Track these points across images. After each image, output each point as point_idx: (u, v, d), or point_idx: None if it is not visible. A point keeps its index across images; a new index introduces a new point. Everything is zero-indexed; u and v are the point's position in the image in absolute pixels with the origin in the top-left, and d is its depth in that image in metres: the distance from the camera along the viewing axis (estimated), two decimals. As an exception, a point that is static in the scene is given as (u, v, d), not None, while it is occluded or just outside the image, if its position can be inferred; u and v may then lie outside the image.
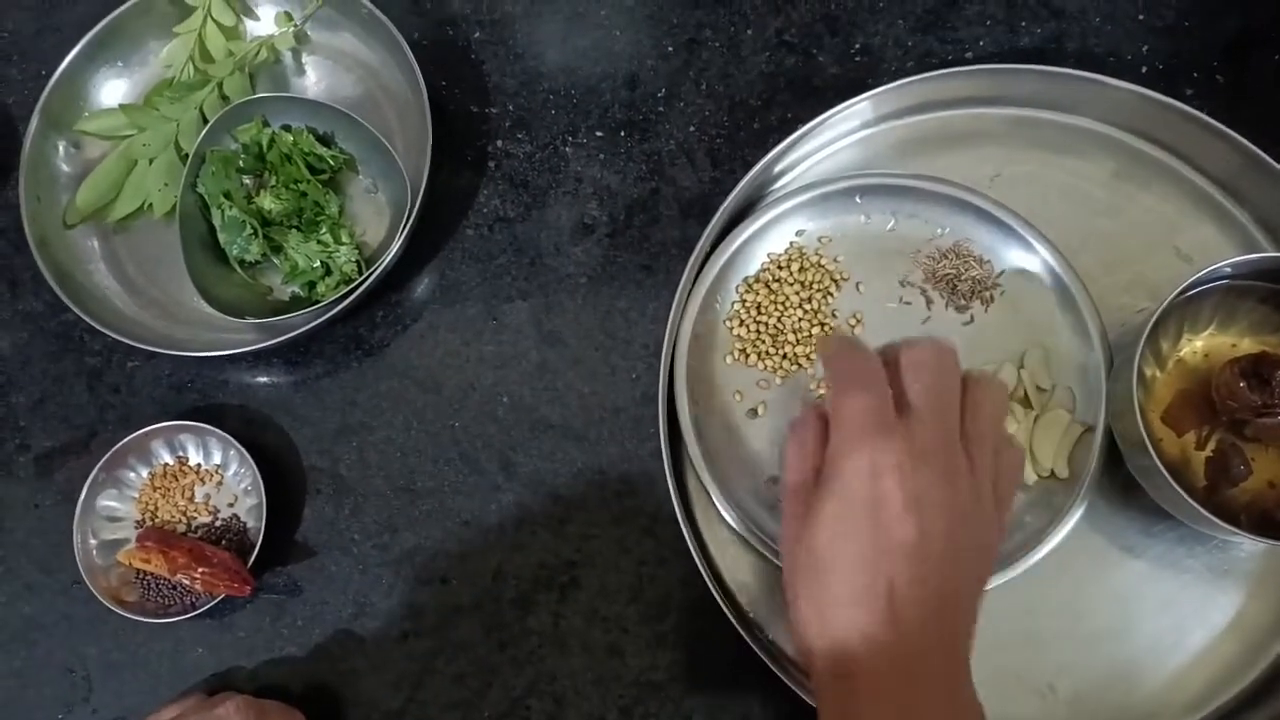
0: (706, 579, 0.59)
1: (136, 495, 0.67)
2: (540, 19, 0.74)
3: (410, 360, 0.69)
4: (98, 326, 0.65)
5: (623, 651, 0.63)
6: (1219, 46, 0.70)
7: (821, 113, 0.65)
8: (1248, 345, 0.61)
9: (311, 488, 0.67)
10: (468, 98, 0.73)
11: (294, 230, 0.67)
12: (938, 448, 0.44)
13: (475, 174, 0.71)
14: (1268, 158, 0.62)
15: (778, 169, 0.68)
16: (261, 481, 0.64)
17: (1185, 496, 0.54)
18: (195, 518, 0.66)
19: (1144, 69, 0.70)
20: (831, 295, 0.66)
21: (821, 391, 0.65)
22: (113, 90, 0.72)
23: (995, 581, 0.59)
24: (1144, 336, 0.56)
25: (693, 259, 0.64)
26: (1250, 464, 0.58)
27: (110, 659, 0.65)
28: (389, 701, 0.64)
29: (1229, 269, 0.57)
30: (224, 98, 0.71)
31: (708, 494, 0.62)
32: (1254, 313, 0.61)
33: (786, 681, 0.58)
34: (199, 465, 0.67)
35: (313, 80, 0.74)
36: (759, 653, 0.58)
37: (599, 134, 0.72)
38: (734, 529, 0.62)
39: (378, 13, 0.69)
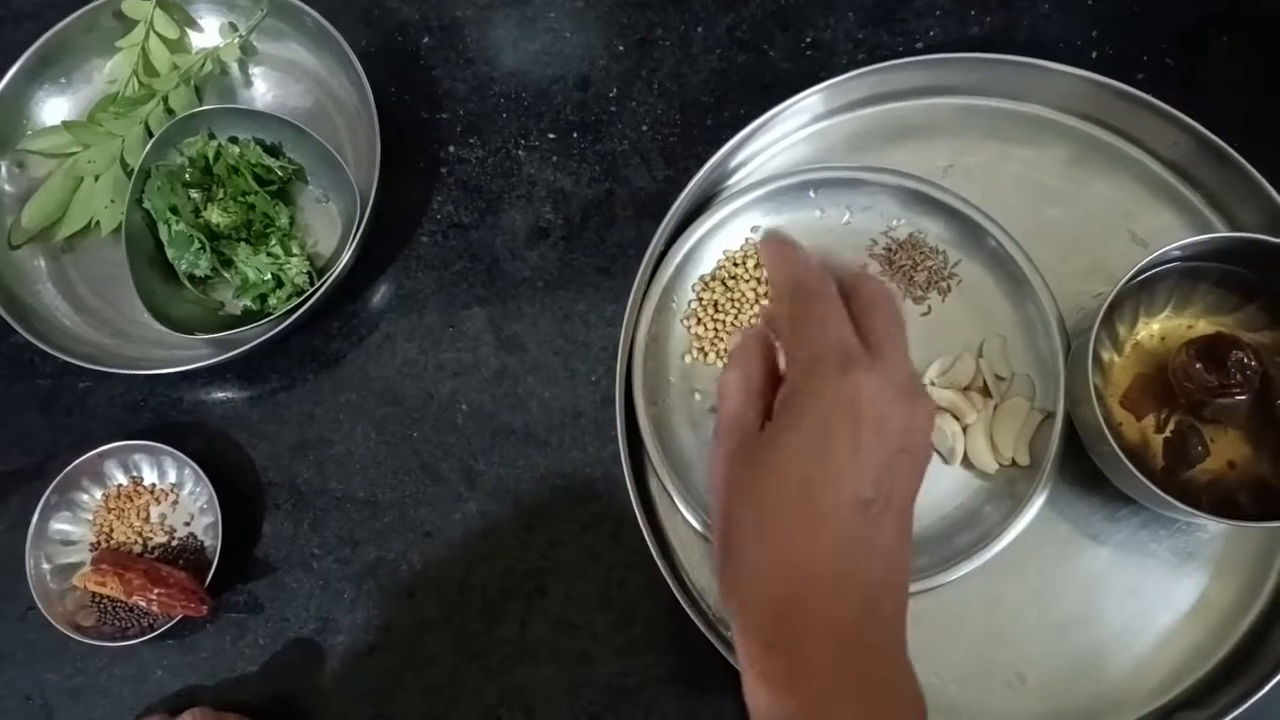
0: (670, 583, 0.59)
1: (91, 517, 0.66)
2: (490, 24, 0.74)
3: (367, 371, 0.68)
4: (46, 348, 0.64)
5: (592, 658, 0.62)
6: (1169, 31, 0.70)
7: (773, 108, 0.65)
8: (1203, 327, 0.61)
9: (270, 503, 0.66)
10: (418, 104, 0.72)
11: (243, 243, 0.67)
12: (913, 390, 0.38)
13: (428, 181, 0.71)
14: (1219, 141, 0.62)
15: (731, 165, 0.67)
16: (217, 499, 0.63)
17: (1143, 479, 0.54)
18: (151, 538, 0.65)
19: (1095, 55, 0.70)
20: (789, 291, 0.65)
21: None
22: (56, 108, 0.71)
23: (959, 573, 0.59)
24: (1098, 321, 0.56)
25: (646, 258, 0.63)
26: (1209, 445, 0.58)
27: (70, 685, 0.64)
28: (357, 718, 0.63)
29: (1178, 252, 0.57)
30: (169, 111, 0.70)
31: (670, 495, 0.61)
32: (1209, 295, 0.61)
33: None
34: (154, 485, 0.66)
35: (261, 91, 0.73)
36: (727, 655, 0.58)
37: (551, 136, 0.71)
38: (697, 530, 0.61)
39: (323, 21, 0.68)
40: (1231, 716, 0.55)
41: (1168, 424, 0.60)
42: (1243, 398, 0.57)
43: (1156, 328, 0.61)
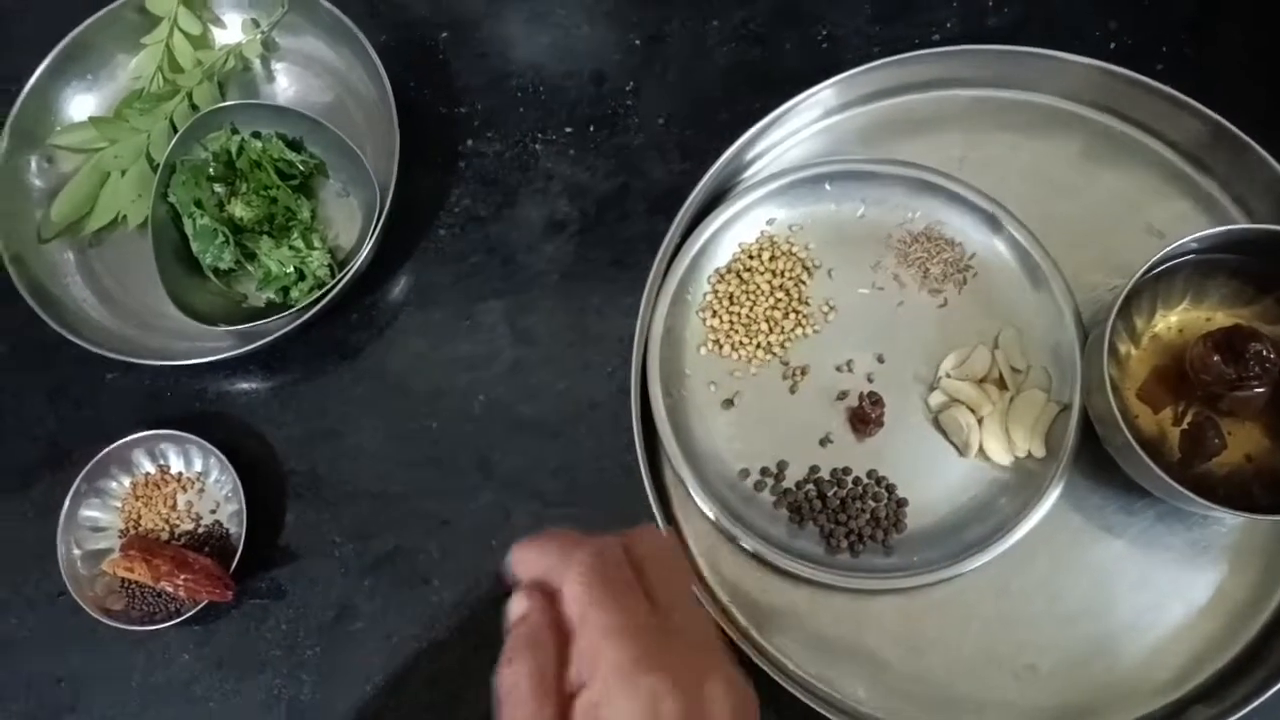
0: (684, 571, 0.59)
1: (119, 505, 0.67)
2: (505, 19, 0.75)
3: (386, 363, 0.69)
4: (75, 339, 0.66)
5: (605, 646, 0.63)
6: (1186, 21, 0.69)
7: (787, 102, 0.65)
8: (1221, 319, 0.60)
9: (292, 492, 0.67)
10: (436, 98, 0.73)
11: (266, 236, 0.68)
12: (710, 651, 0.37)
13: (446, 174, 0.72)
14: (1236, 130, 0.62)
15: (746, 159, 0.68)
16: (241, 488, 0.64)
17: (1159, 471, 0.54)
18: (178, 525, 0.67)
19: (1112, 45, 0.69)
20: (804, 283, 0.66)
21: (793, 380, 0.64)
22: (82, 104, 0.73)
23: (973, 565, 0.59)
24: (1113, 314, 0.56)
25: (662, 251, 0.64)
26: (1225, 438, 0.57)
27: (96, 668, 0.66)
28: (370, 704, 0.64)
29: (1195, 244, 0.57)
30: (193, 107, 0.71)
31: (685, 486, 0.62)
32: (1226, 286, 0.60)
33: (769, 671, 0.58)
34: (180, 473, 0.68)
35: (283, 86, 0.75)
36: (740, 644, 0.58)
37: (568, 130, 0.72)
38: (711, 521, 0.61)
39: (342, 17, 0.69)
40: (1246, 711, 0.55)
41: (1185, 417, 0.59)
42: (1261, 390, 0.57)
43: (1174, 320, 0.61)
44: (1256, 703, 0.55)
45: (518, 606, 0.37)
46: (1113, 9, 0.70)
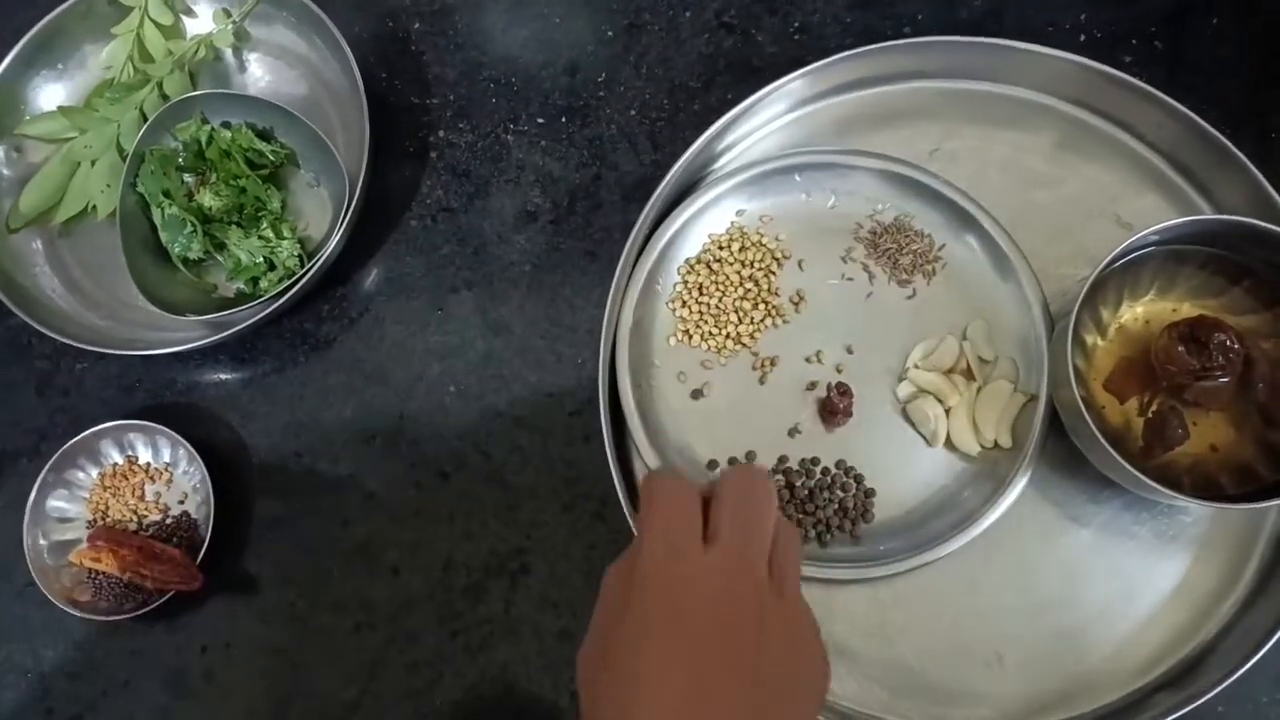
0: (651, 560, 0.59)
1: (87, 495, 0.67)
2: (480, 8, 0.74)
3: (357, 353, 0.69)
4: (43, 330, 0.65)
5: (574, 636, 0.63)
6: (1157, 13, 0.70)
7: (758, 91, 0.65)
8: (1188, 310, 0.61)
9: (260, 483, 0.67)
10: (409, 89, 0.73)
11: (235, 226, 0.68)
12: (733, 570, 0.42)
13: (417, 165, 0.71)
14: (1204, 123, 0.62)
15: (717, 149, 0.68)
16: (209, 479, 0.64)
17: (1120, 460, 0.54)
18: (146, 516, 0.66)
19: (1083, 38, 0.70)
20: (773, 274, 0.66)
21: (762, 370, 0.65)
22: (52, 94, 0.72)
23: (940, 554, 0.59)
24: (1078, 304, 0.56)
25: (630, 242, 0.64)
26: (1189, 427, 0.57)
27: (66, 659, 0.66)
28: (342, 693, 0.64)
29: (1156, 236, 0.57)
30: (164, 97, 0.71)
31: (653, 476, 0.62)
32: (1194, 278, 0.61)
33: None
34: (148, 464, 0.68)
35: (256, 76, 0.74)
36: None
37: (540, 121, 0.72)
38: (679, 510, 0.61)
39: (314, 7, 0.69)
40: (1209, 697, 0.55)
41: (1150, 407, 0.60)
42: (1225, 380, 0.57)
43: (1140, 311, 0.61)
44: (1219, 689, 0.55)
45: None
46: (1084, 0, 0.70)
